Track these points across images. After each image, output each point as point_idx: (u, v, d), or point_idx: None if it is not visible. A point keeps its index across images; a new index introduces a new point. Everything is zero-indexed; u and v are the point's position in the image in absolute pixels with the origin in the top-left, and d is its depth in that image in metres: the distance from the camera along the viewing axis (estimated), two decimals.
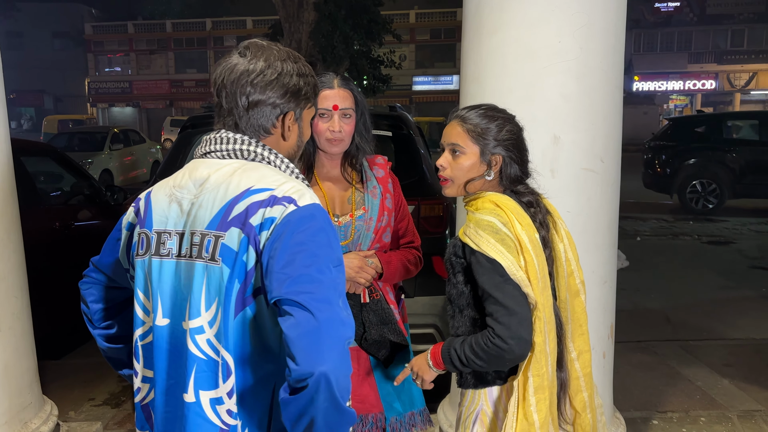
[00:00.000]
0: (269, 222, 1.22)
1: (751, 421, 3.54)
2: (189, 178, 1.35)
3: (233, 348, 1.24)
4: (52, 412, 3.07)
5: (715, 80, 35.44)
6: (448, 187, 1.75)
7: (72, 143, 15.36)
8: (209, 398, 1.26)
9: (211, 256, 1.25)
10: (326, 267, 1.19)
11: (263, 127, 1.36)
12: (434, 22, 38.14)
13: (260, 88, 1.33)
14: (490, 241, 1.58)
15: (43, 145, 6.22)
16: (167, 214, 1.34)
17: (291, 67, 1.35)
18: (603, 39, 2.53)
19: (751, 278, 6.88)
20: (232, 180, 1.28)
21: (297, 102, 1.37)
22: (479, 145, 1.68)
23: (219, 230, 1.25)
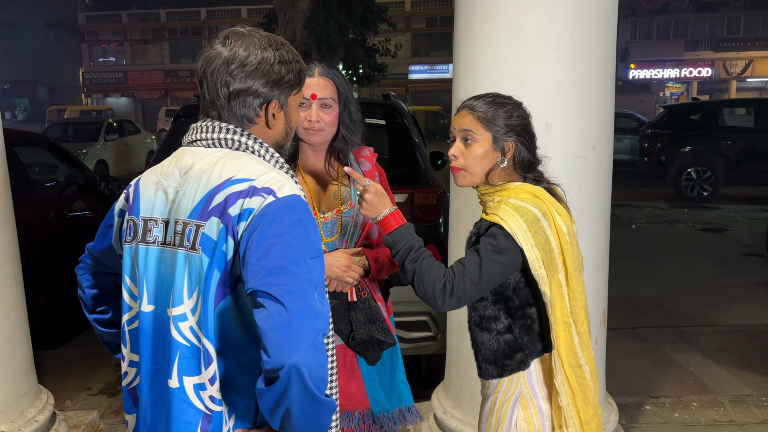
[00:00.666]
0: (247, 213, 1.22)
1: (742, 406, 3.58)
2: (175, 166, 1.35)
3: (213, 336, 1.25)
4: (48, 401, 3.08)
5: (712, 68, 35.41)
6: (462, 176, 1.72)
7: (66, 134, 15.29)
8: (192, 384, 1.27)
9: (191, 245, 1.26)
10: (302, 259, 1.19)
11: (246, 116, 1.35)
12: (430, 11, 37.99)
13: (240, 77, 1.31)
14: (524, 230, 1.57)
15: (37, 136, 6.20)
16: (153, 201, 1.35)
17: (271, 54, 1.33)
18: (595, 26, 2.53)
19: (744, 265, 6.92)
20: (214, 169, 1.28)
21: (280, 89, 1.36)
22: (491, 131, 1.67)
23: (200, 219, 1.26)
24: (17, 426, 2.80)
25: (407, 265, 1.65)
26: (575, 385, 1.65)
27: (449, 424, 2.89)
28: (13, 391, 2.83)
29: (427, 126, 24.49)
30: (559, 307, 1.63)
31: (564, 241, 1.62)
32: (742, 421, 3.43)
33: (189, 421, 1.27)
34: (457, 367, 2.91)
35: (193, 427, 1.27)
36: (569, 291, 1.64)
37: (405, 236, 1.67)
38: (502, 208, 1.62)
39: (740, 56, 34.94)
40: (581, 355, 1.65)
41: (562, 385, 1.64)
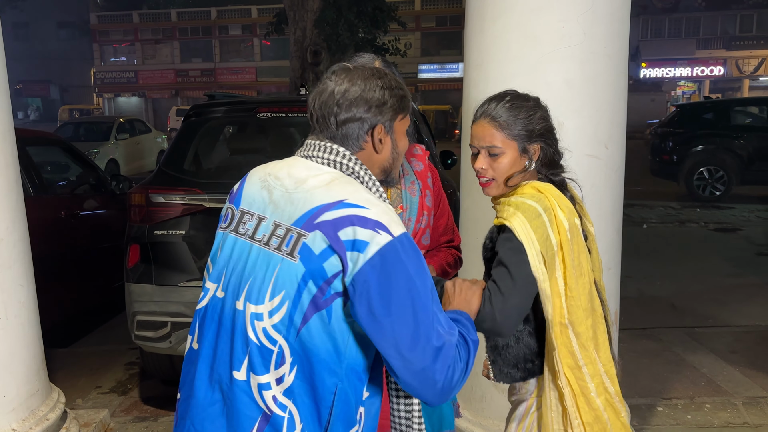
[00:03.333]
0: (361, 245, 1.26)
1: (756, 408, 3.53)
2: (287, 172, 1.41)
3: (295, 341, 1.29)
4: (59, 399, 3.09)
5: (724, 66, 35.15)
6: (492, 187, 1.69)
7: (78, 133, 15.38)
8: (258, 382, 1.32)
9: (290, 252, 1.30)
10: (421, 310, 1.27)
11: (354, 142, 1.42)
12: (439, 10, 37.92)
13: (345, 106, 1.40)
14: (525, 224, 1.57)
15: (49, 135, 6.23)
16: (255, 197, 1.42)
17: (374, 82, 1.42)
18: (607, 24, 2.51)
19: (757, 265, 6.85)
20: (328, 188, 1.34)
21: (383, 114, 1.42)
22: (516, 140, 1.63)
23: (304, 229, 1.30)
24: (28, 424, 2.82)
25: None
26: (575, 386, 1.62)
27: (459, 425, 2.87)
28: (25, 390, 2.84)
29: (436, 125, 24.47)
30: (557, 306, 1.60)
31: (564, 237, 1.58)
32: (756, 423, 3.39)
33: (249, 416, 1.32)
34: None
35: (252, 422, 1.32)
36: (567, 290, 1.60)
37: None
38: (506, 209, 1.62)
39: (753, 55, 34.65)
40: (580, 356, 1.62)
41: (565, 387, 1.62)
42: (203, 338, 1.42)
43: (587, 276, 1.63)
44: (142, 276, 3.57)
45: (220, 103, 4.34)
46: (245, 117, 4.31)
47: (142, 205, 3.60)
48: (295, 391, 1.31)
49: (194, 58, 41.24)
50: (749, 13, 34.73)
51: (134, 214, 3.63)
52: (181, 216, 3.54)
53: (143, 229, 3.58)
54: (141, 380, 4.13)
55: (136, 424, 3.52)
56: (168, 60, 41.51)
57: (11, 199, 2.82)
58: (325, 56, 12.23)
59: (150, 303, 3.54)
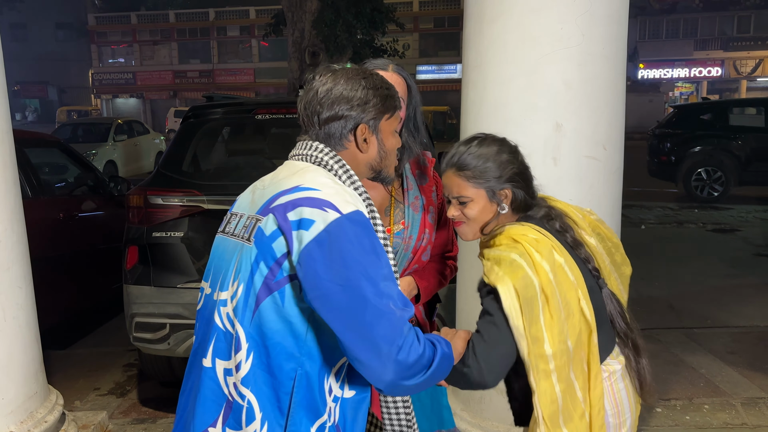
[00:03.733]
0: (307, 223, 1.26)
1: (755, 408, 3.54)
2: (272, 174, 1.48)
3: (248, 326, 1.31)
4: (57, 401, 3.08)
5: (721, 67, 35.19)
6: (464, 230, 1.69)
7: (76, 134, 15.36)
8: (223, 368, 1.35)
9: (248, 237, 1.36)
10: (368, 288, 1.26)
11: (337, 141, 1.45)
12: (438, 11, 37.94)
13: (327, 105, 1.43)
14: (502, 279, 1.52)
15: (47, 137, 6.22)
16: (243, 200, 1.50)
17: (357, 82, 1.44)
18: (605, 25, 2.51)
19: (756, 266, 6.86)
20: (291, 178, 1.39)
21: (365, 112, 1.44)
22: (483, 188, 1.63)
23: (260, 214, 1.35)
24: (27, 426, 2.81)
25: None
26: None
27: (458, 426, 2.87)
28: (23, 392, 2.84)
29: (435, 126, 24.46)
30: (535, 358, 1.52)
31: (545, 279, 1.51)
32: (755, 423, 3.39)
33: (216, 401, 1.35)
34: None
35: (218, 407, 1.35)
36: (550, 336, 1.51)
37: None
38: (494, 271, 1.56)
39: (750, 55, 34.69)
40: (561, 405, 1.55)
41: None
42: (200, 334, 1.47)
43: (577, 316, 1.55)
44: (141, 277, 3.56)
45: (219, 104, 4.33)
46: (244, 118, 4.31)
47: (141, 207, 3.60)
48: (252, 379, 1.30)
49: (192, 59, 41.21)
50: (747, 14, 34.78)
51: (132, 215, 3.63)
52: (180, 217, 3.54)
53: (142, 231, 3.58)
54: (139, 382, 4.12)
55: (135, 425, 3.51)
56: (166, 61, 41.48)
57: (9, 200, 2.81)
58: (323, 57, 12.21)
59: (148, 305, 3.54)
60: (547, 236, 1.60)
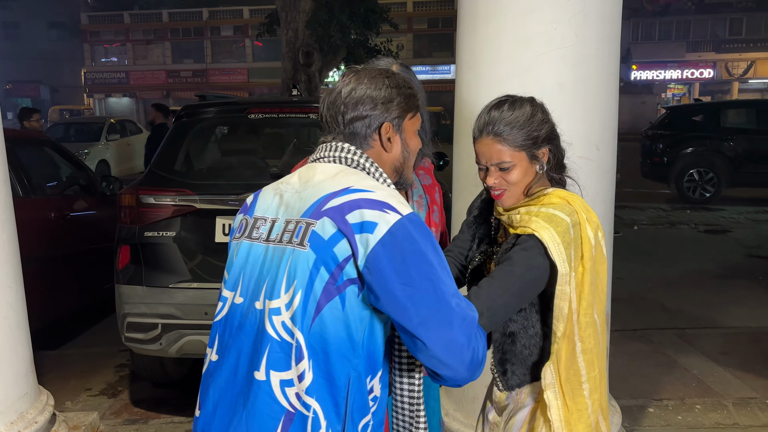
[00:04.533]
0: (370, 226, 1.25)
1: (746, 409, 3.55)
2: (298, 177, 1.44)
3: (310, 333, 1.28)
4: (48, 402, 3.06)
5: (713, 69, 35.37)
6: (507, 197, 1.65)
7: (68, 134, 15.29)
8: (279, 379, 1.29)
9: (300, 241, 1.31)
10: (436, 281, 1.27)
11: (361, 141, 1.43)
12: (432, 11, 37.98)
13: (352, 105, 1.42)
14: (558, 245, 1.53)
15: (38, 136, 6.19)
16: (268, 203, 1.44)
17: (380, 81, 1.43)
18: (599, 26, 2.51)
19: (747, 267, 6.89)
20: (333, 179, 1.36)
21: (389, 111, 1.43)
22: (524, 150, 1.61)
23: (312, 218, 1.31)
24: (17, 427, 2.79)
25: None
26: (570, 402, 1.60)
27: (451, 426, 2.87)
28: (13, 392, 2.82)
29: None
30: (569, 323, 1.57)
31: (588, 254, 1.56)
32: (746, 423, 3.41)
33: (272, 416, 1.29)
34: None
35: (275, 422, 1.29)
36: (579, 306, 1.57)
37: None
38: (534, 220, 1.57)
39: (742, 57, 34.88)
40: (584, 372, 1.60)
41: (554, 400, 1.59)
42: (225, 348, 1.40)
43: (603, 291, 1.62)
44: (133, 277, 3.55)
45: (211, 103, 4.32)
46: (237, 118, 4.30)
47: (133, 206, 3.58)
48: (316, 387, 1.28)
49: (186, 58, 41.10)
50: (739, 17, 34.97)
51: (125, 215, 3.61)
52: (172, 217, 3.52)
53: (134, 230, 3.56)
54: (131, 382, 4.10)
55: (126, 426, 3.50)
56: (159, 61, 41.35)
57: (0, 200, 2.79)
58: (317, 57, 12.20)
59: (140, 305, 3.52)
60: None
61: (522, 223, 1.60)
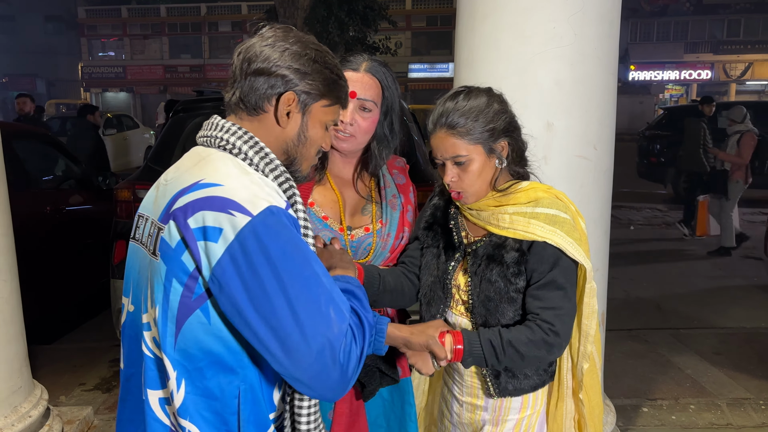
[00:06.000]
0: (213, 233, 1.07)
1: (740, 409, 3.56)
2: (175, 165, 1.27)
3: (172, 351, 1.13)
4: (42, 396, 3.05)
5: (711, 70, 35.43)
6: (467, 196, 1.58)
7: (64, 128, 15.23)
8: (158, 398, 1.18)
9: (153, 250, 1.16)
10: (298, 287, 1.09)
11: (258, 100, 1.23)
12: (430, 9, 37.93)
13: (263, 57, 1.21)
14: (573, 245, 1.51)
15: (34, 129, 6.16)
16: (149, 198, 1.28)
17: (308, 49, 1.24)
18: (598, 25, 2.51)
19: (742, 268, 6.91)
20: (192, 170, 1.18)
21: (304, 84, 1.23)
22: (480, 143, 1.52)
23: (161, 222, 1.15)
24: (10, 421, 2.78)
25: (503, 363, 1.51)
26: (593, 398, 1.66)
27: None
28: (7, 386, 2.81)
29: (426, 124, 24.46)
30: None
31: (586, 246, 1.56)
32: (740, 424, 3.42)
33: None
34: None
35: None
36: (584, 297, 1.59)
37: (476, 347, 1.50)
38: (535, 225, 1.51)
39: (740, 59, 34.95)
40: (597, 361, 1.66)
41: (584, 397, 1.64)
42: (125, 358, 1.29)
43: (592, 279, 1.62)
44: None
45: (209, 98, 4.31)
46: None
47: (129, 201, 3.58)
48: (191, 408, 1.14)
49: (183, 54, 40.97)
50: (737, 18, 35.03)
51: (121, 209, 3.60)
52: None
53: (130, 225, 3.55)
54: None
55: None
56: (157, 55, 41.22)
57: None
58: None
59: None
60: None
61: (516, 226, 1.53)
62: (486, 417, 1.67)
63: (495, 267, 1.56)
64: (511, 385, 1.62)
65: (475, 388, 1.68)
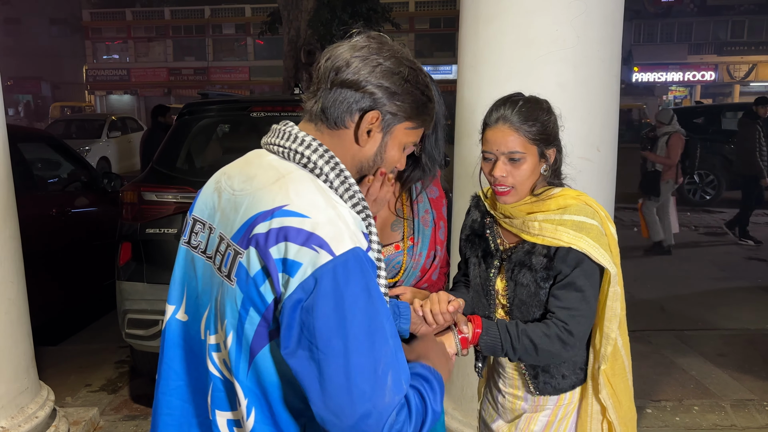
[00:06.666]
0: (294, 267, 1.02)
1: (744, 411, 3.56)
2: (240, 169, 1.20)
3: (245, 378, 1.09)
4: (48, 397, 3.07)
5: (715, 72, 35.37)
6: (511, 195, 1.61)
7: (69, 130, 15.31)
8: (226, 419, 1.14)
9: (228, 273, 1.10)
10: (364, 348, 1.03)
11: (340, 115, 1.16)
12: (434, 11, 37.97)
13: (354, 67, 1.13)
14: (598, 249, 1.56)
15: (40, 132, 6.20)
16: (206, 201, 1.23)
17: (401, 66, 1.17)
18: (601, 28, 2.52)
19: (746, 269, 6.90)
20: (271, 189, 1.10)
21: (390, 104, 1.16)
22: (536, 145, 1.58)
23: (239, 245, 1.08)
24: (17, 422, 2.80)
25: (518, 352, 1.57)
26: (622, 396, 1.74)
27: (450, 425, 2.88)
28: (14, 387, 2.83)
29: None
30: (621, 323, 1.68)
31: (616, 251, 1.61)
32: (744, 425, 3.42)
33: None
34: (458, 369, 2.90)
35: None
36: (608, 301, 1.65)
37: (494, 333, 1.58)
38: (562, 231, 1.56)
39: (744, 60, 34.89)
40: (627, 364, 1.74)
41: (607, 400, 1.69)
42: (163, 368, 1.24)
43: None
44: (134, 274, 3.56)
45: (214, 101, 4.33)
46: (238, 116, 4.31)
47: (134, 203, 3.60)
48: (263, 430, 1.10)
49: (187, 56, 41.07)
50: (741, 19, 34.97)
51: (126, 211, 3.62)
52: (173, 214, 3.54)
53: (135, 227, 3.57)
54: (131, 379, 4.11)
55: (126, 422, 3.50)
56: (161, 58, 41.33)
57: (2, 196, 2.81)
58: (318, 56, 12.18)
59: (141, 301, 3.53)
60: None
61: (545, 232, 1.57)
62: (525, 406, 1.76)
63: (526, 272, 1.62)
64: (549, 385, 1.70)
65: (516, 379, 1.77)
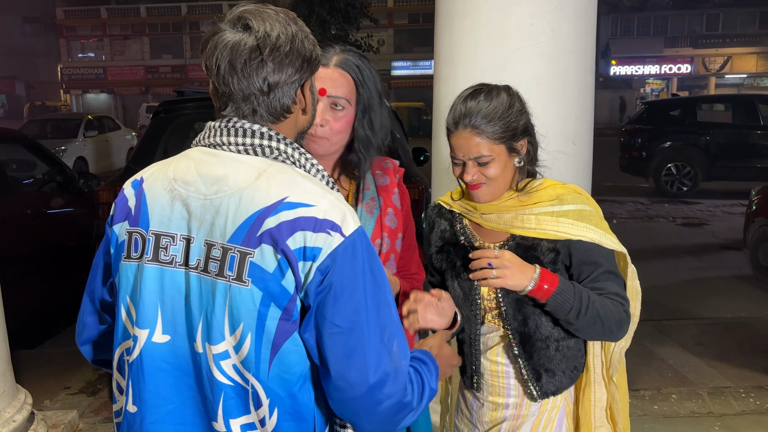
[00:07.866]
0: (313, 253, 1.05)
1: (720, 398, 3.62)
2: (196, 173, 1.13)
3: (266, 379, 1.09)
4: (26, 400, 3.04)
5: (691, 64, 35.83)
6: (485, 192, 1.58)
7: (45, 130, 15.09)
8: (240, 425, 1.12)
9: (237, 276, 1.07)
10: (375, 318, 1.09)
11: (285, 106, 1.15)
12: (412, 6, 37.99)
13: (277, 65, 1.11)
14: (605, 236, 1.56)
15: (14, 132, 6.11)
16: (169, 214, 1.13)
17: (297, 29, 1.14)
18: (575, 21, 2.54)
19: (722, 258, 7.01)
20: (258, 185, 1.08)
21: (312, 69, 1.17)
22: (503, 143, 1.54)
23: (245, 246, 1.06)
24: None
25: (581, 318, 1.51)
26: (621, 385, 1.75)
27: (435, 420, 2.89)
28: None
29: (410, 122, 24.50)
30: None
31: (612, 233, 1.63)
32: (720, 412, 3.47)
33: None
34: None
35: None
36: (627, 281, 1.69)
37: (569, 293, 1.51)
38: (566, 223, 1.54)
39: (719, 53, 35.38)
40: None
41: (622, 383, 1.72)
42: (146, 396, 1.16)
43: None
44: None
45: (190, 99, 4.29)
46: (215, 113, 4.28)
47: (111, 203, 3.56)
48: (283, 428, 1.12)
49: (164, 54, 40.70)
50: (715, 12, 35.44)
51: (103, 212, 3.59)
52: None
53: None
54: (110, 381, 4.07)
55: (106, 424, 3.47)
56: (137, 56, 40.91)
57: None
58: None
59: None
60: None
61: (545, 226, 1.55)
62: (507, 414, 1.69)
63: None
64: (552, 385, 1.64)
65: (496, 387, 1.69)
